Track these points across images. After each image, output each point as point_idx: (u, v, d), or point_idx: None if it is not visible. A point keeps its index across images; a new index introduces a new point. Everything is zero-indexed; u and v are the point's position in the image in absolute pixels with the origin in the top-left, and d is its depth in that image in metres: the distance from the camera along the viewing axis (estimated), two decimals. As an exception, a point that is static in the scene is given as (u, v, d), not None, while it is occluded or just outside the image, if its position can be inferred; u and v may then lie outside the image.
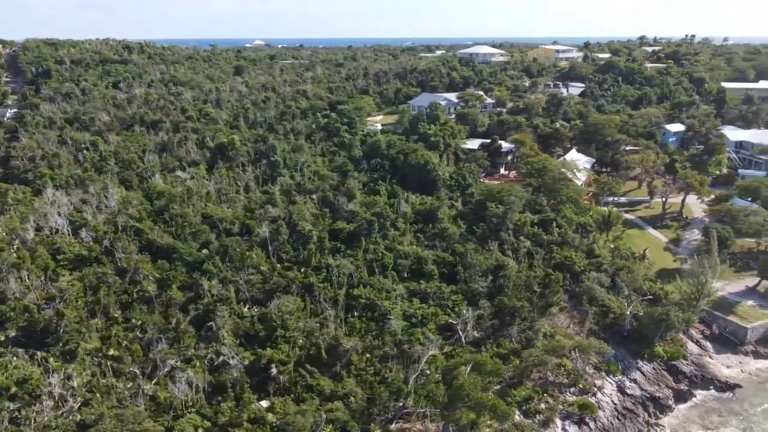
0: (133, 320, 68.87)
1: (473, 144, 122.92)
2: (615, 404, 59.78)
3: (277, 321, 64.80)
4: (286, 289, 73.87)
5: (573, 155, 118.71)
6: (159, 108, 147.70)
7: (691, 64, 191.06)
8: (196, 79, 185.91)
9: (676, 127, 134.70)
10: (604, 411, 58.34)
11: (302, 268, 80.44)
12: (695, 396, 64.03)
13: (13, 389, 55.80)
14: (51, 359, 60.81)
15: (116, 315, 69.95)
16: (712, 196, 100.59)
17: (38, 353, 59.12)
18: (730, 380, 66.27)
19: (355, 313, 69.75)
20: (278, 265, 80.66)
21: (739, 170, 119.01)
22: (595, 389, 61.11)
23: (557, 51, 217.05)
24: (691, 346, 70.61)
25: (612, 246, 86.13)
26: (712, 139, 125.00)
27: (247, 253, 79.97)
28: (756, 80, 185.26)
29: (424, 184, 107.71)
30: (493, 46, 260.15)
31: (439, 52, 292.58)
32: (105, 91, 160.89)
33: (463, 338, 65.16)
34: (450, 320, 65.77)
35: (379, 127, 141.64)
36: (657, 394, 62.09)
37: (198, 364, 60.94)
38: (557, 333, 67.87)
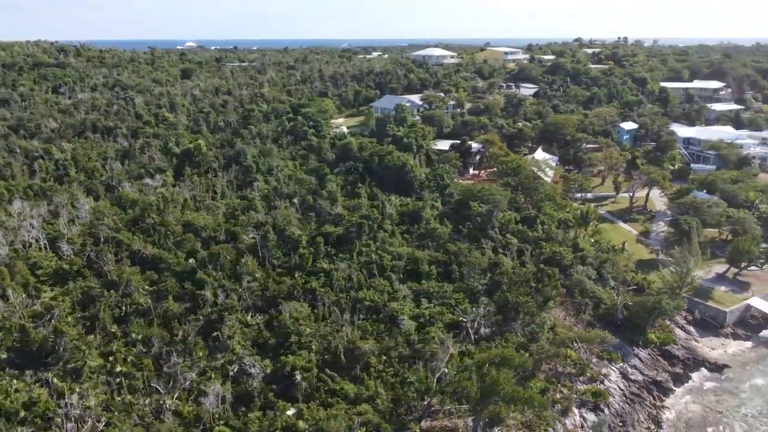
0: (133, 334, 66.49)
1: (443, 145, 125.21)
2: (622, 390, 62.93)
3: (291, 327, 64.13)
4: (289, 295, 73.26)
5: (540, 154, 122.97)
6: (113, 113, 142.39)
7: (630, 65, 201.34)
8: (143, 83, 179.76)
9: (630, 126, 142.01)
10: (614, 397, 61.32)
11: (297, 274, 79.88)
12: (691, 378, 68.31)
13: (22, 413, 52.93)
14: (55, 379, 57.95)
15: (113, 330, 67.36)
16: (674, 190, 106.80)
17: (47, 374, 56.11)
18: (718, 361, 71.10)
19: (361, 316, 69.88)
20: (272, 272, 79.86)
21: (692, 165, 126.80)
22: (602, 377, 64.08)
23: (505, 53, 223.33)
24: (678, 332, 75.15)
25: (593, 240, 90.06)
26: (664, 137, 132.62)
27: (243, 260, 78.67)
28: (690, 80, 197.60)
29: (401, 185, 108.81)
30: (428, 46, 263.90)
31: (375, 53, 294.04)
32: (46, 96, 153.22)
33: (471, 335, 66.71)
34: (461, 318, 67.10)
35: (345, 129, 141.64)
36: (658, 378, 65.89)
37: (213, 375, 59.60)
38: (557, 326, 70.50)
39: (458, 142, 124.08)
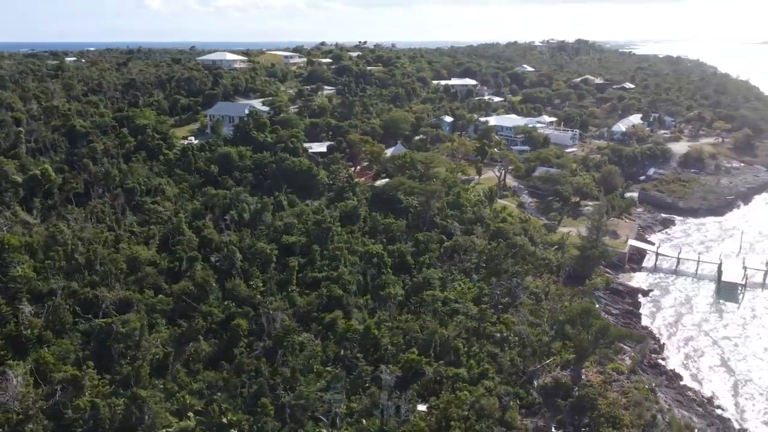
0: (194, 384, 58.38)
1: (317, 147, 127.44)
2: (617, 323, 78.76)
3: (378, 333, 63.71)
4: (320, 307, 71.46)
5: (399, 148, 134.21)
6: None
7: (399, 67, 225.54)
8: None
9: (448, 119, 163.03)
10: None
11: (289, 287, 77.53)
12: (641, 305, 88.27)
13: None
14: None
15: (161, 385, 58.05)
16: (524, 169, 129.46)
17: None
18: (643, 288, 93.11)
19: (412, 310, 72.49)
20: (274, 289, 75.75)
21: (512, 147, 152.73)
22: (599, 316, 78.99)
23: (285, 57, 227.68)
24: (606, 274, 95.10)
25: (504, 215, 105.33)
26: (480, 126, 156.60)
27: (231, 282, 73.51)
28: (449, 78, 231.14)
29: (305, 189, 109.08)
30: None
31: (70, 59, 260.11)
32: None
33: (498, 305, 75.33)
34: (495, 292, 75.03)
35: (193, 140, 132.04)
36: (628, 308, 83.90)
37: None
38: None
39: (333, 143, 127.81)
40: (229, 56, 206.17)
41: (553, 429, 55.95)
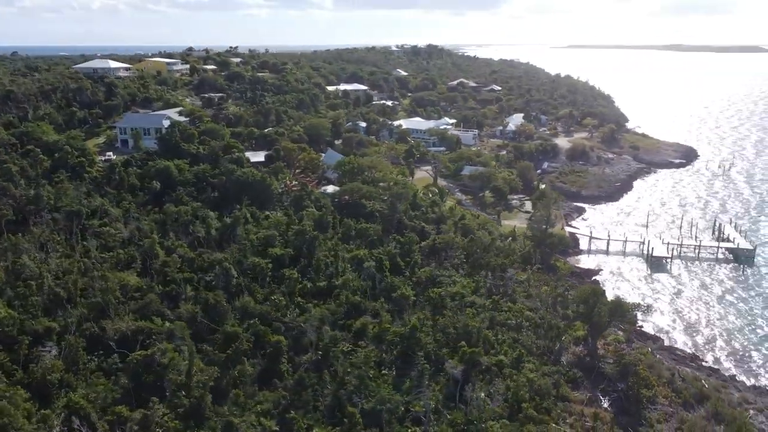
0: (258, 406, 56.84)
1: (256, 157, 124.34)
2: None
3: (418, 334, 65.75)
4: (347, 314, 71.90)
5: (331, 154, 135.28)
6: None
7: (290, 73, 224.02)
8: None
9: (362, 123, 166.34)
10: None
11: (294, 298, 77.11)
12: (599, 282, 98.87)
13: None
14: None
15: (227, 411, 55.85)
16: (453, 168, 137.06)
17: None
18: (593, 268, 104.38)
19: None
20: (287, 301, 74.54)
21: (430, 148, 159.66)
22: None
23: (168, 63, 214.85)
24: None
25: (460, 212, 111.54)
26: (394, 129, 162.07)
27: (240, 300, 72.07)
28: (338, 83, 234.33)
29: (260, 200, 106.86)
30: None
31: None
32: None
33: (498, 294, 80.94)
34: (490, 283, 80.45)
35: (111, 156, 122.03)
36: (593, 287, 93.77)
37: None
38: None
39: (272, 152, 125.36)
40: (113, 64, 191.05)
41: (600, 396, 62.58)
